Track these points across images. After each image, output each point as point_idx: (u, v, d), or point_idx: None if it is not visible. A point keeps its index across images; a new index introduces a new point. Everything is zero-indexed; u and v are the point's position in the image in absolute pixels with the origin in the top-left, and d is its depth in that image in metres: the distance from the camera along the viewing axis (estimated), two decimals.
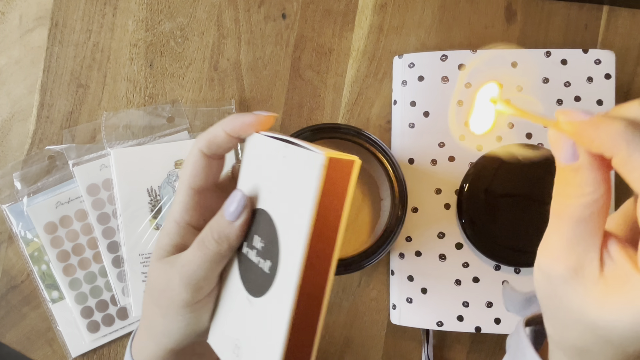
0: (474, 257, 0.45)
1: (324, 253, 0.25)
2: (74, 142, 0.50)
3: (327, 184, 0.25)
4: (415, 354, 0.50)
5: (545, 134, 0.45)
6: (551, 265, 0.24)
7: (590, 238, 0.23)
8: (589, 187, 0.23)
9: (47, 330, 0.50)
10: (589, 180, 0.23)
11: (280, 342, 0.25)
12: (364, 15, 0.50)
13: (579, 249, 0.23)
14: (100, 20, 0.51)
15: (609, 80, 0.44)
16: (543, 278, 0.25)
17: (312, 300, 0.26)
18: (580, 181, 0.23)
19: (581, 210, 0.23)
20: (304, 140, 0.31)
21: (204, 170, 0.33)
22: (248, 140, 0.32)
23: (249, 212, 0.30)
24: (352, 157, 0.25)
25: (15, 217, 0.49)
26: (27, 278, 0.50)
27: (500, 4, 0.50)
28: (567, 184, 0.23)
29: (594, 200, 0.23)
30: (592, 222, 0.23)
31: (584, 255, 0.23)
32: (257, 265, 0.29)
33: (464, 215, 0.44)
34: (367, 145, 0.40)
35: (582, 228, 0.23)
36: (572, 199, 0.23)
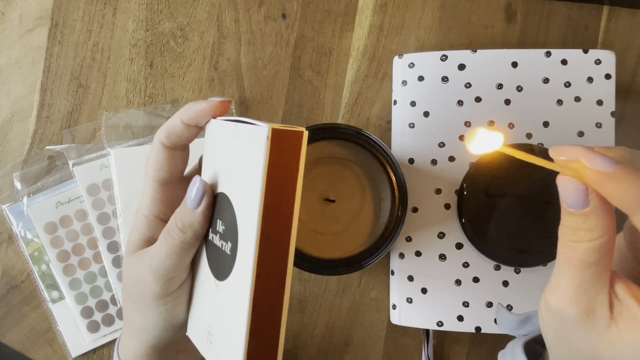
0: (474, 257, 0.45)
1: (280, 228, 0.25)
2: (74, 142, 0.50)
3: (275, 156, 0.24)
4: (415, 354, 0.50)
5: (545, 133, 0.45)
6: (563, 307, 0.24)
7: (600, 281, 0.23)
8: (598, 231, 0.23)
9: (47, 330, 0.50)
10: (598, 225, 0.23)
11: (243, 322, 0.25)
12: (364, 15, 0.50)
13: (590, 292, 0.23)
14: (100, 20, 0.51)
15: (609, 80, 0.44)
16: (553, 319, 0.25)
17: (273, 277, 0.26)
18: (590, 226, 0.23)
19: (590, 254, 0.23)
20: (260, 120, 0.31)
21: (167, 162, 0.33)
22: (207, 128, 0.33)
23: (209, 198, 0.30)
24: (299, 128, 0.25)
25: (15, 217, 0.49)
26: (27, 278, 0.50)
27: (500, 4, 0.50)
28: (576, 228, 0.23)
29: (603, 244, 0.23)
30: (601, 264, 0.23)
31: (595, 298, 0.23)
32: (221, 249, 0.29)
33: (464, 215, 0.44)
34: (367, 145, 0.40)
35: (592, 271, 0.23)
36: (582, 244, 0.23)
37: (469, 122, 0.45)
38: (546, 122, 0.45)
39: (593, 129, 0.44)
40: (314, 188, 0.44)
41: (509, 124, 0.45)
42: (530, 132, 0.45)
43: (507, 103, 0.45)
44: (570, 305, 0.24)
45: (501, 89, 0.45)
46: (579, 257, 0.23)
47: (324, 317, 0.50)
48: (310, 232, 0.43)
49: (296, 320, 0.50)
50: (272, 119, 0.51)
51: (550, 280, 0.25)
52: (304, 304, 0.50)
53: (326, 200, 0.44)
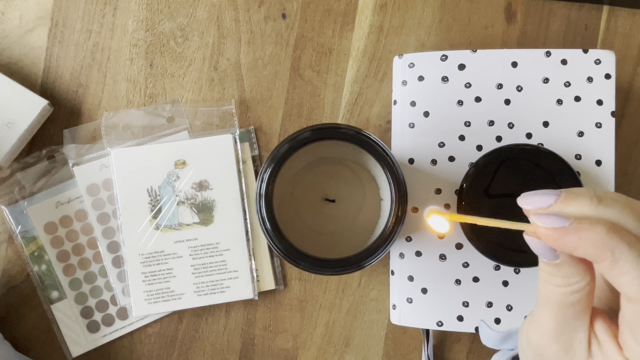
0: (474, 257, 0.45)
1: None
2: (74, 142, 0.50)
3: None
4: (415, 354, 0.50)
5: (545, 133, 0.45)
6: (542, 343, 0.24)
7: (579, 320, 0.23)
8: (574, 278, 0.23)
9: (47, 330, 0.50)
10: (573, 272, 0.23)
11: None
12: (364, 15, 0.50)
13: (569, 329, 0.23)
14: (100, 20, 0.51)
15: (609, 80, 0.44)
16: (533, 353, 0.25)
17: None
18: (565, 274, 0.23)
19: (568, 297, 0.23)
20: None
21: None
22: None
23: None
24: None
25: (15, 217, 0.49)
26: (27, 278, 0.50)
27: (500, 4, 0.50)
28: (552, 275, 0.23)
29: (580, 288, 0.23)
30: (579, 305, 0.23)
31: (574, 335, 0.23)
32: None
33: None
34: (367, 145, 0.40)
35: (571, 311, 0.23)
36: (559, 288, 0.23)
37: (468, 122, 0.45)
38: (546, 122, 0.45)
39: (593, 129, 0.44)
40: (314, 188, 0.44)
41: (509, 123, 0.45)
42: (530, 132, 0.45)
43: (507, 103, 0.45)
44: (549, 342, 0.24)
45: (501, 89, 0.45)
46: (557, 299, 0.23)
47: (324, 317, 0.50)
48: (310, 232, 0.43)
49: (296, 320, 0.50)
50: (272, 119, 0.51)
51: (532, 313, 0.25)
52: (304, 304, 0.50)
53: (326, 200, 0.44)
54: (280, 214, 0.41)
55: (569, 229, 0.21)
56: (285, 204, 0.43)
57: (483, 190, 0.43)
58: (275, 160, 0.39)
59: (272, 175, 0.39)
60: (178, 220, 0.49)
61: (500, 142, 0.45)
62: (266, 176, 0.39)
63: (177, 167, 0.49)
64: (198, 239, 0.49)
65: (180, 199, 0.49)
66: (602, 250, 0.21)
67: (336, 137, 0.40)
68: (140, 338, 0.50)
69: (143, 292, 0.49)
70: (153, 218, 0.49)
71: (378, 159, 0.40)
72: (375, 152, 0.40)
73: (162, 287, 0.49)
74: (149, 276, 0.49)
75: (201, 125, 0.50)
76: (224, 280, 0.49)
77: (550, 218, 0.22)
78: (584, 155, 0.44)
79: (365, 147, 0.40)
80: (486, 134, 0.45)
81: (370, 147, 0.40)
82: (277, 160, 0.39)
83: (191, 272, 0.49)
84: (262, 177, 0.39)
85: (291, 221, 0.43)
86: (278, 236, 0.39)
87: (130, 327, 0.50)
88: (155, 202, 0.49)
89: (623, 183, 0.49)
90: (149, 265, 0.49)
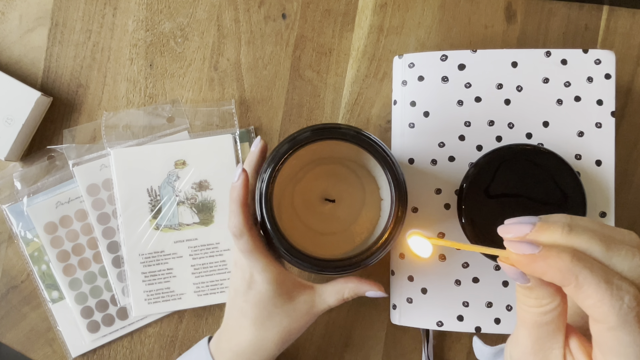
0: (474, 257, 0.45)
1: None
2: (74, 142, 0.50)
3: None
4: (415, 354, 0.50)
5: (545, 133, 0.45)
6: (522, 358, 0.27)
7: (553, 338, 0.26)
8: (546, 299, 0.25)
9: (47, 330, 0.50)
10: (544, 294, 0.25)
11: None
12: (364, 15, 0.50)
13: (545, 347, 0.26)
14: (100, 20, 0.51)
15: (609, 80, 0.44)
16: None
17: None
18: (537, 295, 0.25)
19: (542, 317, 0.25)
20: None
21: None
22: None
23: None
24: None
25: (15, 217, 0.49)
26: (27, 278, 0.50)
27: (500, 4, 0.50)
28: (526, 297, 0.25)
29: (553, 308, 0.25)
30: (553, 324, 0.25)
31: (550, 351, 0.26)
32: None
33: (464, 215, 0.44)
34: (367, 145, 0.40)
35: (545, 330, 0.25)
36: (533, 309, 0.25)
37: (468, 122, 0.45)
38: (546, 122, 0.45)
39: (593, 129, 0.44)
40: (314, 188, 0.44)
41: (509, 123, 0.45)
42: (530, 132, 0.45)
43: (507, 103, 0.45)
44: (527, 358, 0.26)
45: (501, 89, 0.45)
46: (532, 319, 0.25)
47: (324, 317, 0.50)
48: (310, 232, 0.43)
49: None
50: (272, 119, 0.51)
51: (513, 332, 0.28)
52: None
53: (326, 200, 0.44)
54: (280, 214, 0.41)
55: (537, 256, 0.24)
56: (285, 204, 0.43)
57: (483, 190, 0.43)
58: (275, 160, 0.39)
59: (272, 175, 0.39)
60: (178, 220, 0.49)
61: (500, 142, 0.45)
62: (266, 176, 0.39)
63: (177, 167, 0.49)
64: (198, 239, 0.49)
65: (180, 199, 0.49)
66: (567, 275, 0.22)
67: (336, 137, 0.40)
68: (140, 338, 0.50)
69: (143, 292, 0.49)
70: (153, 218, 0.49)
71: (378, 159, 0.40)
72: (375, 152, 0.40)
73: (162, 287, 0.49)
74: (149, 276, 0.49)
75: (201, 125, 0.50)
76: (224, 280, 0.49)
77: (521, 245, 0.24)
78: (584, 155, 0.44)
79: (365, 147, 0.40)
80: (486, 134, 0.45)
81: (370, 147, 0.40)
82: (277, 160, 0.39)
83: (191, 272, 0.49)
84: (262, 177, 0.39)
85: (291, 221, 0.43)
86: (278, 236, 0.39)
87: (130, 327, 0.50)
88: (155, 202, 0.49)
89: (623, 183, 0.49)
90: (149, 265, 0.49)
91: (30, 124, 0.49)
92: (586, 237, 0.23)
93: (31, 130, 0.50)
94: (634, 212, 0.49)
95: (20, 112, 0.48)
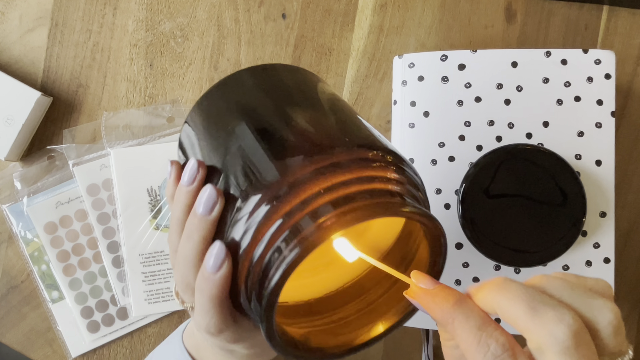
0: (474, 257, 0.45)
1: None
2: (74, 142, 0.50)
3: None
4: (415, 354, 0.49)
5: (545, 133, 0.45)
6: None
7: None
8: (446, 334, 0.26)
9: (47, 330, 0.50)
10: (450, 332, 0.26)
11: None
12: (364, 15, 0.50)
13: None
14: (100, 20, 0.51)
15: (609, 80, 0.44)
16: None
17: None
18: (444, 329, 0.26)
19: (453, 351, 0.26)
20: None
21: None
22: None
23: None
24: None
25: (15, 217, 0.49)
26: (27, 278, 0.50)
27: (500, 4, 0.50)
28: (440, 329, 0.27)
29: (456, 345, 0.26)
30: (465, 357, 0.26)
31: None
32: None
33: (464, 215, 0.44)
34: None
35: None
36: (445, 342, 0.27)
37: (468, 122, 0.45)
38: (546, 122, 0.45)
39: (593, 129, 0.44)
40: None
41: (509, 123, 0.45)
42: (530, 132, 0.45)
43: (507, 103, 0.45)
44: None
45: (501, 89, 0.45)
46: (447, 352, 0.27)
47: None
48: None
49: None
50: None
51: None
52: None
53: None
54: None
55: (429, 292, 0.26)
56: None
57: (483, 190, 0.43)
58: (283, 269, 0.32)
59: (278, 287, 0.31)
60: None
61: (500, 142, 0.45)
62: (272, 284, 0.33)
63: None
64: None
65: None
66: (446, 316, 0.24)
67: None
68: (140, 338, 0.50)
69: (143, 292, 0.49)
70: (153, 218, 0.49)
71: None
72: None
73: (162, 287, 0.49)
74: (149, 276, 0.49)
75: None
76: None
77: (424, 278, 0.26)
78: (584, 155, 0.44)
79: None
80: (486, 134, 0.45)
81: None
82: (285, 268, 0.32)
83: None
84: (268, 285, 0.33)
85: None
86: (286, 350, 0.33)
87: (130, 327, 0.50)
88: (155, 202, 0.49)
89: (623, 183, 0.49)
90: (149, 265, 0.49)
91: (30, 124, 0.49)
92: (511, 301, 0.24)
93: (31, 130, 0.50)
94: (634, 212, 0.49)
95: (20, 112, 0.48)
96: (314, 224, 0.24)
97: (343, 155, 0.26)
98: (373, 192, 0.26)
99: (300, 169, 0.25)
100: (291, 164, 0.25)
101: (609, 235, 0.43)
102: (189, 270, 0.28)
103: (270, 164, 0.26)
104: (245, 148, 0.27)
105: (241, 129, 0.28)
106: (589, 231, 0.44)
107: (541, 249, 0.43)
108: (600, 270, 0.43)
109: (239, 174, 0.27)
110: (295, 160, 0.25)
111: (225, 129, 0.29)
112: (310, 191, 0.25)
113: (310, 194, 0.25)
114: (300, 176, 0.25)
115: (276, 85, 0.31)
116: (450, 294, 0.25)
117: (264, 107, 0.29)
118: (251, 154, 0.27)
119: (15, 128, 0.48)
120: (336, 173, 0.25)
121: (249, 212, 0.25)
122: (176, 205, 0.29)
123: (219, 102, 0.31)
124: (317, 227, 0.24)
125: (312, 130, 0.28)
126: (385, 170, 0.27)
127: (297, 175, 0.25)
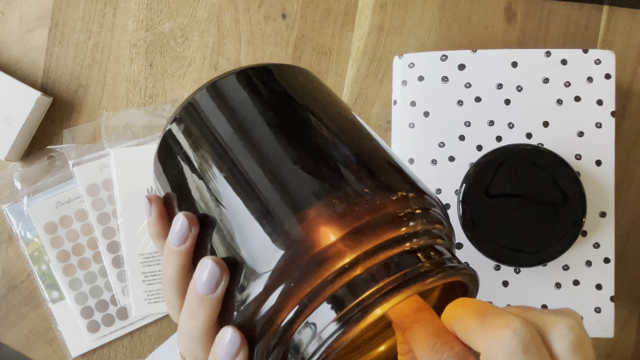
0: (474, 257, 0.45)
1: None
2: (74, 142, 0.50)
3: None
4: None
5: (545, 133, 0.45)
6: None
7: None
8: (401, 345, 0.26)
9: (47, 330, 0.50)
10: (402, 340, 0.26)
11: None
12: (364, 15, 0.51)
13: None
14: (100, 20, 0.51)
15: (609, 80, 0.44)
16: None
17: None
18: (400, 340, 0.26)
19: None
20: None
21: None
22: None
23: None
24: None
25: (15, 217, 0.49)
26: (27, 278, 0.50)
27: (500, 4, 0.50)
28: (399, 346, 0.26)
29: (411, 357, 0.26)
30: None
31: None
32: None
33: (464, 215, 0.44)
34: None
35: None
36: (403, 357, 0.26)
37: (468, 122, 0.45)
38: (546, 122, 0.45)
39: (593, 129, 0.44)
40: None
41: (509, 123, 0.45)
42: (530, 132, 0.45)
43: (507, 103, 0.45)
44: None
45: (501, 89, 0.45)
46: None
47: None
48: None
49: None
50: None
51: None
52: None
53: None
54: None
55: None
56: None
57: (483, 190, 0.43)
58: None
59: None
60: None
61: (500, 142, 0.45)
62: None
63: None
64: None
65: None
66: (405, 320, 0.24)
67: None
68: (140, 338, 0.50)
69: (143, 292, 0.49)
70: None
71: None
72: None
73: None
74: (149, 276, 0.49)
75: None
76: None
77: None
78: (584, 155, 0.44)
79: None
80: (486, 134, 0.45)
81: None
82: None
83: None
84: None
85: None
86: None
87: (130, 327, 0.50)
88: None
89: (623, 183, 0.49)
90: (149, 265, 0.49)
91: (30, 124, 0.49)
92: (464, 311, 0.23)
93: (31, 130, 0.50)
94: (634, 212, 0.49)
95: (20, 112, 0.48)
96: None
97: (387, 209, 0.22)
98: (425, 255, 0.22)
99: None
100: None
101: (609, 235, 0.43)
102: (197, 347, 0.25)
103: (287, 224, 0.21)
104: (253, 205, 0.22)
105: (248, 174, 0.23)
106: (589, 231, 0.44)
107: (541, 249, 0.43)
108: (600, 270, 0.43)
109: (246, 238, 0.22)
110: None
111: (224, 169, 0.23)
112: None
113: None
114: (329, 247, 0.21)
115: (282, 102, 0.25)
116: (414, 300, 0.25)
117: (274, 147, 0.23)
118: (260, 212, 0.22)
119: (15, 128, 0.48)
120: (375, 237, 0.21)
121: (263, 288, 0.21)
122: (167, 264, 0.25)
123: (212, 119, 0.24)
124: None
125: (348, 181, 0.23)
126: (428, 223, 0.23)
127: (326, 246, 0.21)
